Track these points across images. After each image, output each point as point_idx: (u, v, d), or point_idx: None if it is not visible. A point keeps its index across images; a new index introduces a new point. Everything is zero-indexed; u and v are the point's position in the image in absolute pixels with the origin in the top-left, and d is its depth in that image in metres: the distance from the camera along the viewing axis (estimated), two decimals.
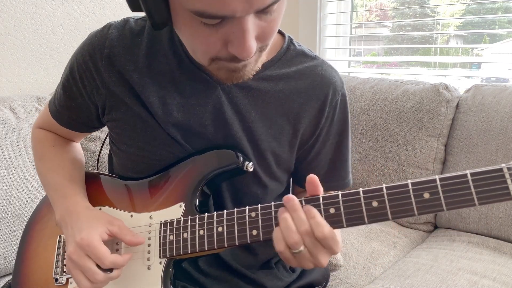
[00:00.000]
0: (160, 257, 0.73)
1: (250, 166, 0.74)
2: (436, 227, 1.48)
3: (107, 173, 0.89)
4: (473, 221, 1.35)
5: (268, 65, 0.77)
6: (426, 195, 0.56)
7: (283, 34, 0.81)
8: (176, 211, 0.74)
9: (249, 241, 0.66)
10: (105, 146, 0.94)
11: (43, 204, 0.91)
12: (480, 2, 1.76)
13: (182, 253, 0.71)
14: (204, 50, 0.61)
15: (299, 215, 0.60)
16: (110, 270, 0.70)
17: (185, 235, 0.71)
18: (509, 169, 0.53)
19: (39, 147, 0.90)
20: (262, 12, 0.56)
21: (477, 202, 0.54)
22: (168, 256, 0.72)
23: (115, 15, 1.75)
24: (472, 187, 0.54)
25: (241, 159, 0.74)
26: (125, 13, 1.67)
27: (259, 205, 0.66)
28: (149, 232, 0.75)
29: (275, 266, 0.90)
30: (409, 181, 0.57)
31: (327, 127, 0.81)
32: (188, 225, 0.71)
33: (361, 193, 0.59)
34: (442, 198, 0.55)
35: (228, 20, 0.55)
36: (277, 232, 0.61)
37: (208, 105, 0.76)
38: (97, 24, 1.68)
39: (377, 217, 0.58)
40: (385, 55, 2.13)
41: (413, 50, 1.98)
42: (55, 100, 0.86)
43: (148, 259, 0.73)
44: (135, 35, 0.76)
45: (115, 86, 0.76)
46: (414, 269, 1.15)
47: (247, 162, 0.74)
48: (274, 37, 0.63)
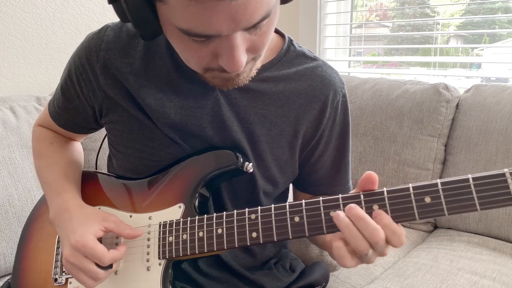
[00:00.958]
0: (159, 258, 0.72)
1: (250, 167, 0.74)
2: (436, 227, 1.48)
3: (106, 172, 0.89)
4: (473, 221, 1.35)
5: (268, 67, 0.77)
6: (428, 199, 0.56)
7: (283, 35, 0.81)
8: (175, 211, 0.74)
9: (248, 244, 0.65)
10: (105, 146, 0.94)
11: (42, 202, 0.90)
12: (480, 2, 1.76)
13: (181, 255, 0.70)
14: (196, 62, 0.62)
15: (368, 222, 0.56)
16: (110, 266, 0.70)
17: (184, 236, 0.70)
18: (511, 173, 0.52)
19: (37, 145, 0.90)
20: (251, 28, 0.56)
21: (479, 207, 0.53)
22: (167, 257, 0.72)
23: (115, 15, 1.72)
24: (474, 192, 0.53)
25: (241, 160, 0.74)
26: None
27: (259, 207, 0.66)
28: (149, 233, 0.75)
29: (275, 267, 0.90)
30: (410, 185, 0.57)
31: (329, 128, 0.81)
32: (187, 227, 0.71)
33: (361, 197, 0.59)
34: (444, 202, 0.55)
35: (216, 37, 0.55)
36: (343, 247, 0.58)
37: (206, 106, 0.75)
38: (97, 24, 1.68)
39: None
40: (385, 55, 2.13)
41: (413, 50, 1.98)
42: (54, 101, 0.86)
43: (148, 260, 0.73)
44: (132, 37, 0.75)
45: (111, 88, 0.76)
46: (414, 269, 1.15)
47: (246, 163, 0.74)
48: (267, 46, 0.63)
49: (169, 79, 0.75)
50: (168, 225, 0.73)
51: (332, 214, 0.59)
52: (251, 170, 0.74)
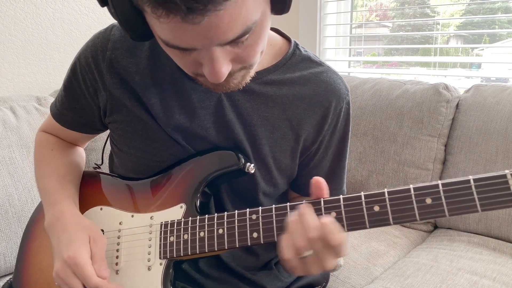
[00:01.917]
0: (160, 258, 0.73)
1: (252, 168, 0.74)
2: (436, 227, 1.49)
3: (108, 172, 0.89)
4: (473, 221, 1.35)
5: (272, 70, 0.77)
6: (428, 200, 0.56)
7: (288, 39, 0.81)
8: (177, 212, 0.74)
9: (249, 244, 0.65)
10: (107, 144, 0.93)
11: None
12: (480, 2, 1.76)
13: (182, 255, 0.71)
14: (184, 67, 0.62)
15: (310, 218, 0.57)
16: None
17: (185, 236, 0.71)
18: None
19: (39, 151, 0.90)
20: (230, 43, 0.55)
21: (479, 208, 0.53)
22: (168, 257, 0.72)
23: None
24: (475, 193, 0.54)
25: (242, 161, 0.74)
26: None
27: (260, 207, 0.66)
28: (150, 232, 0.75)
29: (275, 267, 0.90)
30: (411, 186, 0.57)
31: (330, 134, 0.81)
32: (188, 227, 0.71)
33: (362, 197, 0.59)
34: (445, 204, 0.55)
35: (194, 50, 0.55)
36: (286, 239, 0.59)
37: (210, 107, 0.76)
38: (97, 24, 1.67)
39: (378, 222, 0.58)
40: (385, 55, 2.13)
41: (413, 50, 1.98)
42: (56, 103, 0.86)
43: (149, 259, 0.73)
44: None
45: (116, 88, 0.76)
46: (414, 269, 1.15)
47: (248, 164, 0.74)
48: (258, 57, 0.62)
49: (173, 78, 0.75)
50: (169, 225, 0.73)
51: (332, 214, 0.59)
52: (252, 171, 0.75)
